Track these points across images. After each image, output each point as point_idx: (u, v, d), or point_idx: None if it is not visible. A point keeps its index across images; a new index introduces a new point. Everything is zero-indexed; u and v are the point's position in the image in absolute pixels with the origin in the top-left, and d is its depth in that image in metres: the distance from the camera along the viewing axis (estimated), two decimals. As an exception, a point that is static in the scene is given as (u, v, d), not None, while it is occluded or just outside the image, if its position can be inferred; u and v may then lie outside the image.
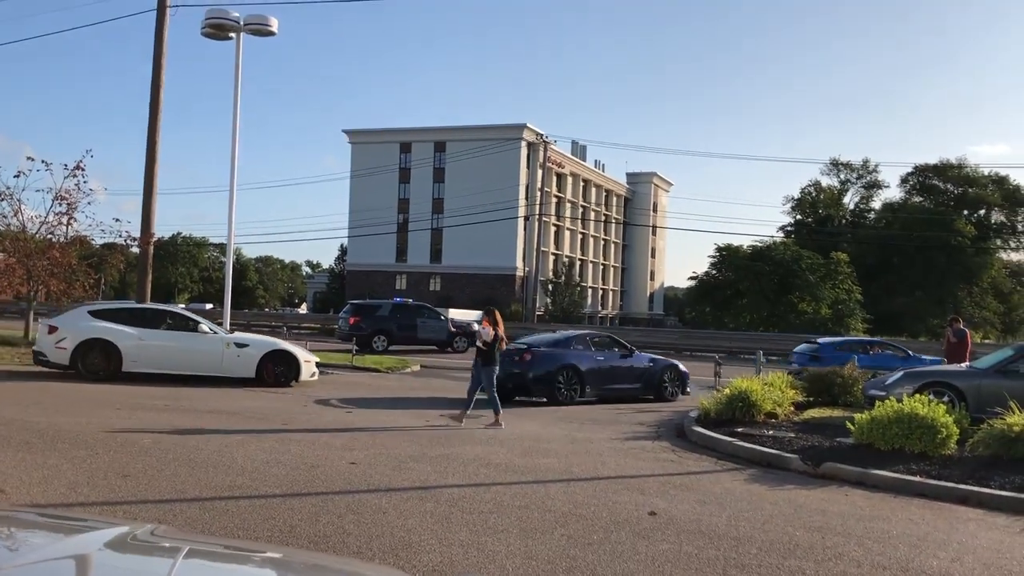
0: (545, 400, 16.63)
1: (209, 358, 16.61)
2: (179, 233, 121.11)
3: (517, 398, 16.66)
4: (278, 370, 16.85)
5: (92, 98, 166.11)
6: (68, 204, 25.36)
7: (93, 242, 28.05)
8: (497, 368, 13.30)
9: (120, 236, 26.49)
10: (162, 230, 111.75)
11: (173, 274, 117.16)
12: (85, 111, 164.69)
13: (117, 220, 26.89)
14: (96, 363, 15.83)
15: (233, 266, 26.75)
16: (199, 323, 17.30)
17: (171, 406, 13.27)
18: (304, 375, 17.19)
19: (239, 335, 18.11)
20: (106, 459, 8.64)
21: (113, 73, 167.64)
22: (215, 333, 17.16)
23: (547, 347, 17.48)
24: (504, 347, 13.78)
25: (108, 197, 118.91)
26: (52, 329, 16.03)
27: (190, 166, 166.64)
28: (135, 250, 27.69)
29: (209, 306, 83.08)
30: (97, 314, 16.67)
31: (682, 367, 18.97)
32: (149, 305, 20.54)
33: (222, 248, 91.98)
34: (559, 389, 16.57)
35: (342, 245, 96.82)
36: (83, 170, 25.29)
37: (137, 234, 25.59)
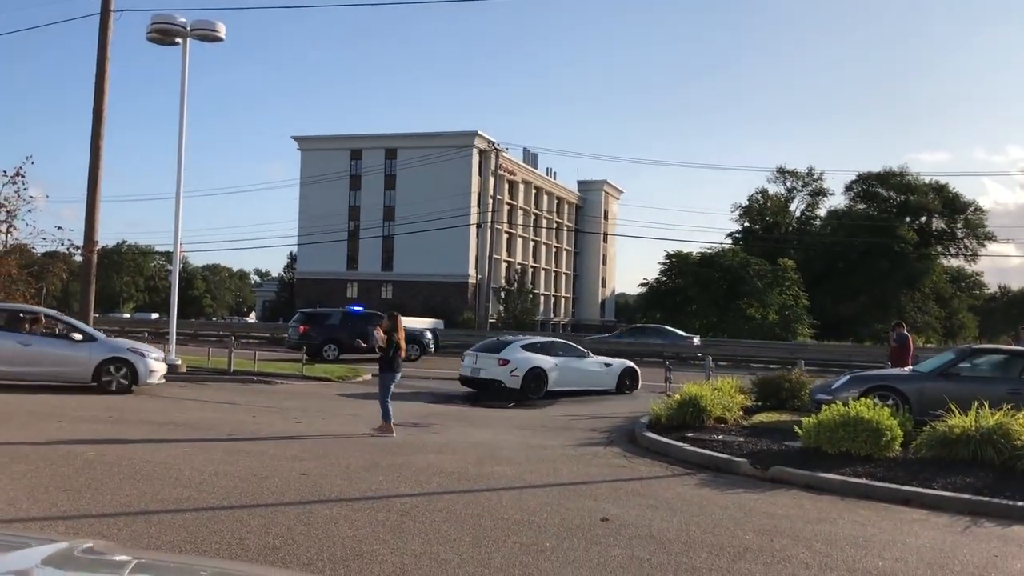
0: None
1: (594, 376, 21.09)
2: (124, 241, 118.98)
3: None
4: (627, 382, 21.43)
5: (33, 103, 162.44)
6: (7, 212, 24.69)
7: (34, 251, 27.37)
8: (397, 375, 12.88)
9: (63, 245, 25.82)
10: (106, 238, 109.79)
11: (118, 283, 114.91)
12: (25, 117, 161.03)
13: (60, 228, 26.31)
14: (534, 387, 19.69)
15: (180, 275, 26.34)
16: (586, 352, 21.83)
17: (115, 418, 13.00)
18: (640, 384, 21.64)
19: (603, 358, 22.46)
20: (47, 473, 8.42)
21: (55, 78, 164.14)
22: (594, 357, 21.82)
23: None
24: (404, 355, 13.31)
25: (49, 205, 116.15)
26: (504, 362, 19.68)
27: (136, 173, 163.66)
28: (78, 259, 27.06)
29: (155, 315, 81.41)
30: (526, 348, 20.60)
31: None
32: (554, 339, 24.55)
33: (168, 256, 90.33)
34: None
35: (291, 253, 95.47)
36: (23, 177, 24.63)
37: (80, 242, 25.03)
